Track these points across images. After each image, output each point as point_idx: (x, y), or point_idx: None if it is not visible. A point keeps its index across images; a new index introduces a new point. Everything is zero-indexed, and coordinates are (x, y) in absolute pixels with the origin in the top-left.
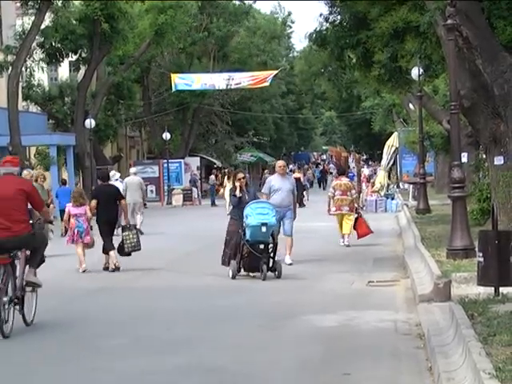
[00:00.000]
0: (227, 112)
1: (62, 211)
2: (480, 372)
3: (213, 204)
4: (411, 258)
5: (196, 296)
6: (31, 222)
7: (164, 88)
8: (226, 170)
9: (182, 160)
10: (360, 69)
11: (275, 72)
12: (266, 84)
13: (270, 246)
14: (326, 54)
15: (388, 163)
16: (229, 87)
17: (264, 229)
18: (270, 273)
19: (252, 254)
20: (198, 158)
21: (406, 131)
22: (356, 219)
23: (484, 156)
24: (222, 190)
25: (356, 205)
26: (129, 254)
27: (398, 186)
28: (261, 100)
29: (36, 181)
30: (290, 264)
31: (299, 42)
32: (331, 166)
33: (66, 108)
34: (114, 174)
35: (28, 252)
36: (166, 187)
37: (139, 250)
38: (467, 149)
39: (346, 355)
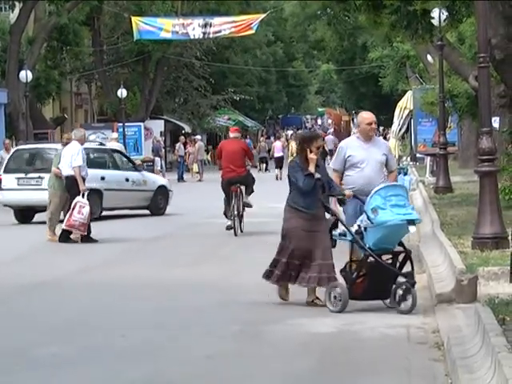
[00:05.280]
0: (200, 64)
1: None
2: None
3: (180, 179)
4: (427, 249)
5: (157, 294)
6: (248, 166)
7: (119, 33)
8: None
9: (141, 124)
10: (368, 11)
11: (262, 16)
12: (252, 32)
13: (400, 257)
14: None
15: (400, 130)
16: (206, 37)
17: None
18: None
19: (377, 272)
20: (163, 122)
21: (423, 90)
22: None
23: None
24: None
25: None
26: None
27: (412, 159)
28: (242, 49)
29: None
30: None
31: None
32: (329, 137)
33: None
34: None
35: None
36: None
37: None
38: (499, 112)
39: (344, 369)
